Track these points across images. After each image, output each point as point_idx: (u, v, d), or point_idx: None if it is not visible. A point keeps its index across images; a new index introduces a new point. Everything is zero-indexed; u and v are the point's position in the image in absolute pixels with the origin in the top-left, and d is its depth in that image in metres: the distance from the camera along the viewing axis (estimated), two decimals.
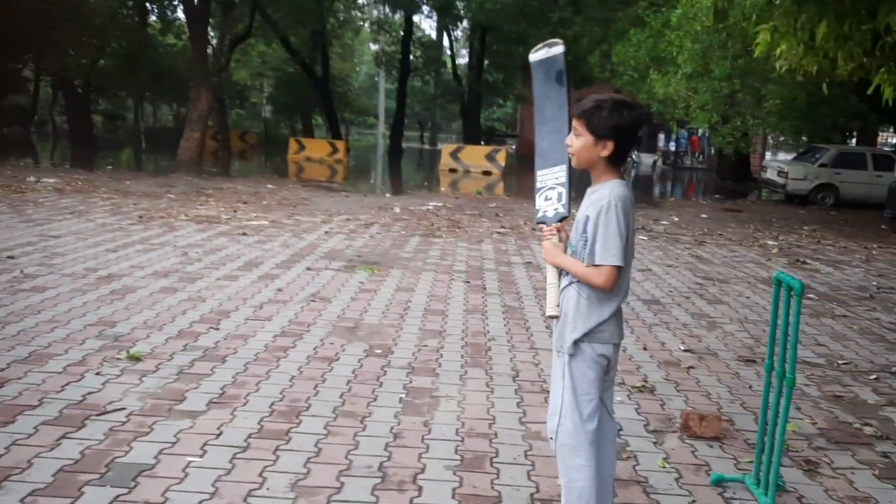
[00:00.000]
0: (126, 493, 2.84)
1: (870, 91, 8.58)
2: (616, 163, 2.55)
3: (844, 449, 3.66)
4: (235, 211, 11.34)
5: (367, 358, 4.67)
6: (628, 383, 4.45)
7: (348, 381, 4.22)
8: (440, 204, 14.04)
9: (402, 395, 4.06)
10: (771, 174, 18.91)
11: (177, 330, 5.02)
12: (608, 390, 2.68)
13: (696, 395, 4.32)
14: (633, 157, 33.57)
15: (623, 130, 2.48)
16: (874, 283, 8.15)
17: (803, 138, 15.67)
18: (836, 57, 5.12)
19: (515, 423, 3.76)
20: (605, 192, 2.49)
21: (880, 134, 26.52)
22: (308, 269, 7.31)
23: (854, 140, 23.35)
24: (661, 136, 38.99)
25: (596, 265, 2.45)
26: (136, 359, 4.37)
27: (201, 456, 3.19)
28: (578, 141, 2.54)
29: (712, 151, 34.95)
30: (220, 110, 30.04)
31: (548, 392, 4.18)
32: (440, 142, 51.50)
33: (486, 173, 23.83)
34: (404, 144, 38.19)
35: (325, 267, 7.43)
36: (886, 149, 25.35)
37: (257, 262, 7.50)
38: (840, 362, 5.14)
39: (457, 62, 42.01)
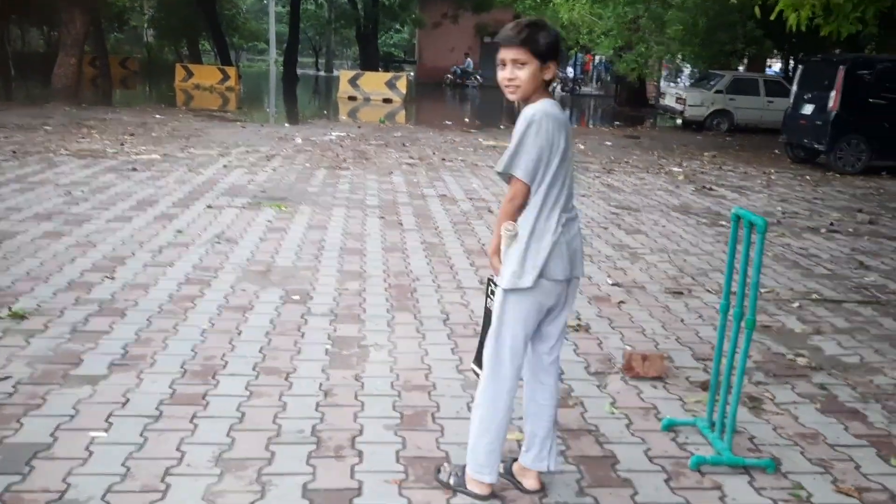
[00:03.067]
0: (19, 482, 2.44)
1: (772, 17, 8.60)
2: (548, 84, 2.40)
3: (783, 382, 3.62)
4: (122, 144, 10.49)
5: (284, 305, 4.31)
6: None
7: (267, 333, 3.87)
8: (343, 134, 13.49)
9: (328, 347, 3.75)
10: (669, 101, 19.16)
11: (66, 281, 4.49)
12: (548, 336, 2.48)
13: (631, 332, 4.21)
14: None
15: (559, 49, 2.38)
16: (779, 209, 8.32)
17: (700, 64, 15.80)
18: None
19: (453, 372, 3.53)
20: (533, 109, 2.34)
21: (768, 60, 27.32)
22: (209, 207, 6.78)
23: (743, 67, 23.94)
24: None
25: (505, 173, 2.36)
26: (20, 317, 3.86)
27: (107, 430, 2.80)
28: (524, 71, 2.34)
29: (608, 77, 35.37)
30: (98, 34, 27.72)
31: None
32: (336, 68, 49.92)
33: (387, 101, 23.20)
34: (299, 71, 36.67)
35: (227, 204, 6.92)
36: (773, 74, 26.17)
37: (151, 200, 6.90)
38: (762, 290, 5.15)
39: None
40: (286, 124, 15.13)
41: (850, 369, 3.84)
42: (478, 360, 2.67)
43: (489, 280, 2.59)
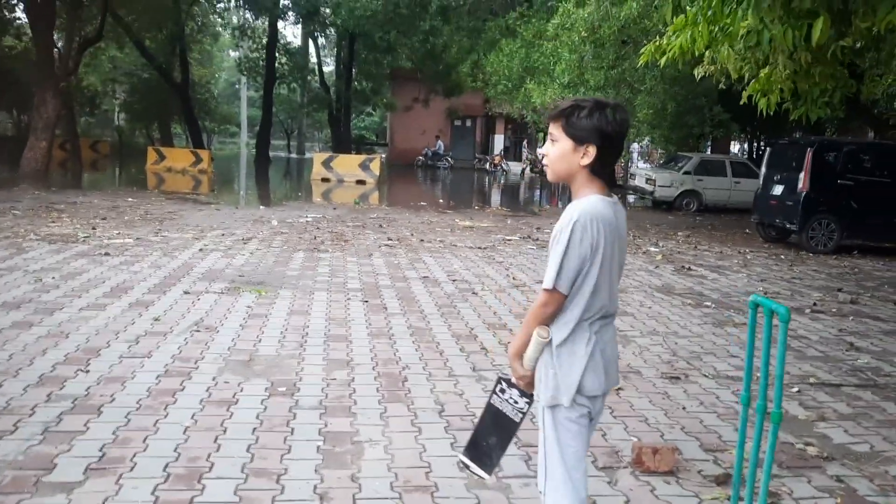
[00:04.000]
0: None
1: (742, 101, 8.81)
2: (599, 173, 2.18)
3: (798, 475, 3.47)
4: (94, 228, 10.27)
5: (270, 398, 4.10)
6: None
7: (254, 430, 3.65)
8: (319, 215, 13.42)
9: (320, 444, 3.54)
10: (639, 181, 19.49)
11: (37, 375, 4.24)
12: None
13: (634, 422, 4.05)
14: (503, 165, 34.08)
15: (606, 134, 2.13)
16: (760, 289, 8.32)
17: (671, 147, 16.17)
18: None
19: (454, 470, 3.33)
20: (572, 209, 2.15)
21: (731, 142, 28.09)
22: (186, 292, 6.57)
23: (709, 149, 24.58)
24: (525, 144, 39.73)
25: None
26: None
27: None
28: (555, 148, 2.18)
29: None
30: (69, 118, 27.72)
31: None
32: (308, 151, 50.42)
33: (361, 182, 23.29)
34: (271, 153, 36.90)
35: (205, 290, 6.71)
36: (739, 156, 26.87)
37: (126, 286, 6.68)
38: (759, 375, 5.03)
39: (324, 70, 41.21)
40: (261, 206, 15.04)
41: (863, 459, 3.71)
42: (468, 452, 2.48)
43: (500, 379, 2.41)
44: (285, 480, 3.13)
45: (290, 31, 79.74)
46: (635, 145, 21.48)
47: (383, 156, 37.29)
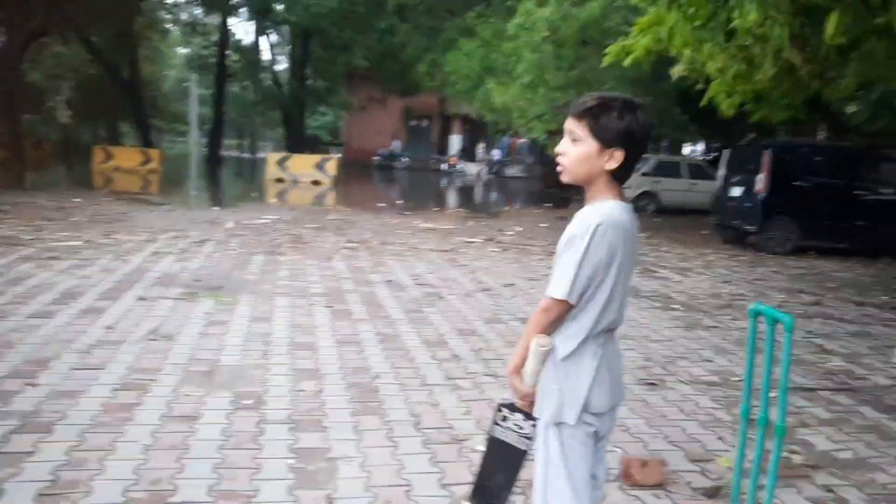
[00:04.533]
0: None
1: (703, 103, 8.80)
2: (619, 179, 2.03)
3: (787, 485, 3.39)
4: (39, 230, 9.81)
5: (235, 412, 3.87)
6: None
7: (220, 447, 3.42)
8: (276, 217, 13.09)
9: (291, 461, 3.33)
10: None
11: None
12: (599, 462, 2.18)
13: (617, 432, 3.92)
14: (458, 166, 34.00)
15: (636, 138, 1.97)
16: (725, 291, 8.33)
17: None
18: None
19: (436, 488, 3.16)
20: (590, 214, 1.98)
21: (684, 145, 28.47)
22: (141, 298, 6.26)
23: (667, 150, 24.84)
24: (481, 146, 39.71)
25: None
26: None
27: None
28: (577, 148, 2.00)
29: (531, 160, 36.16)
30: (11, 116, 26.76)
31: (461, 442, 3.65)
32: (260, 150, 49.70)
33: (316, 183, 22.94)
34: (223, 153, 36.21)
35: (160, 295, 6.41)
36: (696, 157, 27.22)
37: (76, 292, 6.34)
38: (734, 379, 4.99)
39: (277, 68, 40.65)
40: (215, 207, 14.65)
41: (849, 467, 3.65)
42: (475, 500, 2.29)
43: (499, 406, 2.21)
44: (257, 503, 2.92)
45: (242, 28, 78.77)
46: None
47: (338, 156, 36.97)
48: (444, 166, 34.47)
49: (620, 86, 13.24)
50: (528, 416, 2.13)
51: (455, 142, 38.83)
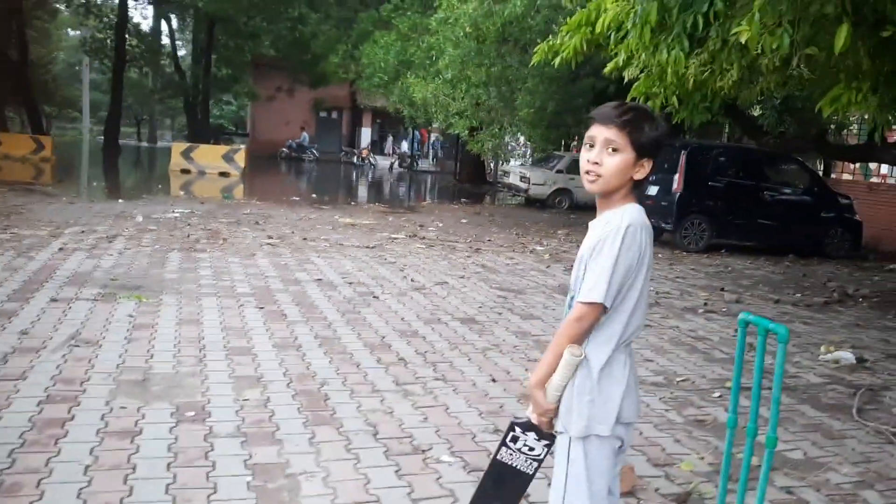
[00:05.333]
0: None
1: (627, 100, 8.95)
2: (639, 186, 2.00)
3: (750, 488, 3.41)
4: None
5: (179, 426, 3.60)
6: (503, 429, 3.88)
7: (169, 466, 3.16)
8: (188, 210, 12.52)
9: (249, 479, 3.11)
10: (513, 179, 19.74)
11: None
12: (615, 476, 2.12)
13: None
14: (371, 159, 33.67)
15: (662, 147, 1.99)
16: (651, 289, 8.49)
17: (549, 146, 16.46)
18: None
19: (407, 501, 3.01)
20: (619, 215, 1.94)
21: None
22: (53, 300, 5.81)
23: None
24: (390, 139, 39.43)
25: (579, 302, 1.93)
26: None
27: None
28: (615, 159, 1.93)
29: (440, 154, 36.25)
30: None
31: (422, 452, 3.51)
32: (160, 139, 47.78)
33: (224, 175, 22.15)
34: (120, 141, 34.53)
35: (75, 296, 5.98)
36: None
37: None
38: (678, 380, 5.05)
39: (179, 55, 39.07)
40: (120, 200, 13.88)
41: (801, 467, 3.73)
42: None
43: (512, 425, 2.10)
44: None
45: (140, 12, 75.17)
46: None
47: (244, 147, 35.93)
48: (355, 159, 34.04)
49: (539, 84, 13.37)
50: (543, 435, 2.03)
51: (365, 134, 38.42)
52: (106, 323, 5.28)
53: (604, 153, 1.95)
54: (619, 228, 1.89)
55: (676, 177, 11.90)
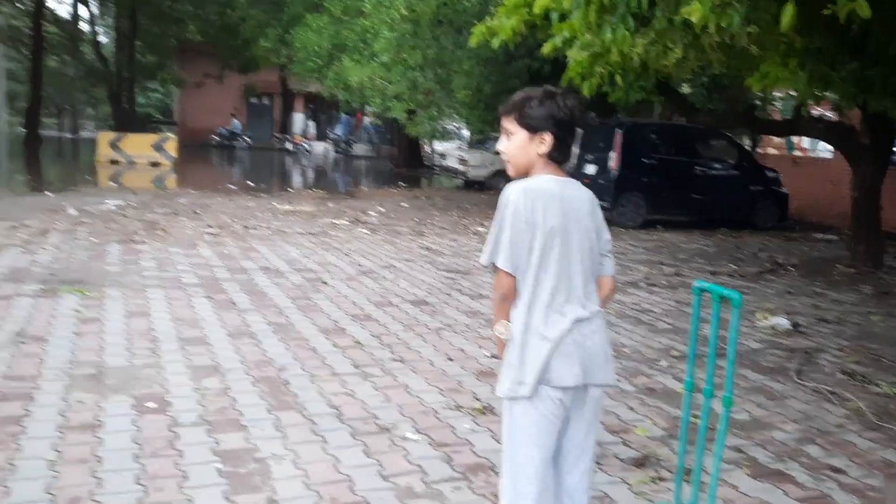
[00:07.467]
0: None
1: (563, 83, 9.12)
2: (556, 160, 2.17)
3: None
4: None
5: (141, 417, 3.58)
6: (465, 405, 3.98)
7: (136, 457, 3.15)
8: (122, 202, 12.18)
9: (219, 465, 3.12)
10: (451, 161, 19.82)
11: None
12: (566, 454, 2.20)
13: None
14: (305, 146, 33.25)
15: (560, 120, 2.13)
16: None
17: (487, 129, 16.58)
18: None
19: (378, 480, 3.08)
20: (511, 186, 2.14)
21: None
22: None
23: None
24: (312, 123, 38.64)
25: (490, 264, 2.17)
26: None
27: None
28: (512, 142, 2.16)
29: (374, 139, 36.02)
30: None
31: (388, 431, 3.58)
32: (83, 129, 46.15)
33: (155, 164, 21.58)
34: (42, 132, 33.21)
35: (14, 293, 5.80)
36: None
37: None
38: (625, 350, 5.23)
39: (100, 41, 37.69)
40: (48, 193, 13.41)
41: (748, 427, 3.94)
42: None
43: None
44: None
45: None
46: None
47: (172, 135, 35.00)
48: (288, 145, 33.55)
49: (476, 66, 13.43)
50: None
51: (298, 120, 37.89)
52: (50, 318, 5.16)
53: (505, 141, 2.18)
54: (505, 196, 2.09)
55: (613, 154, 12.17)
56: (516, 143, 2.16)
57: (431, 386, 4.27)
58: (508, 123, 2.17)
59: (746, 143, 18.52)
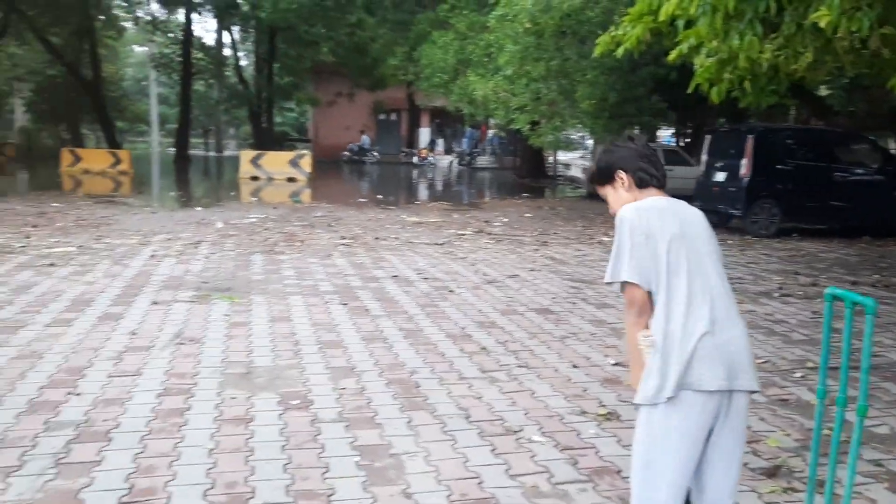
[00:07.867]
0: None
1: (690, 90, 8.95)
2: (649, 184, 2.37)
3: (838, 462, 3.50)
4: (27, 237, 9.63)
5: (286, 413, 3.88)
6: (590, 411, 4.06)
7: (283, 448, 3.44)
8: (263, 215, 12.99)
9: (357, 459, 3.36)
10: (575, 172, 19.75)
11: (24, 401, 3.90)
12: (710, 464, 2.22)
13: None
14: (431, 159, 33.97)
15: (621, 158, 2.39)
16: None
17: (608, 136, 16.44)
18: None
19: (505, 479, 3.21)
20: (621, 211, 2.32)
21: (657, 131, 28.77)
22: (154, 302, 6.20)
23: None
24: (440, 139, 39.35)
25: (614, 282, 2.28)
26: None
27: None
28: (609, 198, 2.46)
29: (500, 151, 36.28)
30: None
31: (514, 433, 3.70)
32: (226, 148, 49.07)
33: (292, 180, 22.75)
34: (189, 152, 35.68)
35: (173, 299, 6.36)
36: (668, 143, 27.59)
37: (86, 298, 6.26)
38: (759, 362, 5.11)
39: (241, 65, 40.11)
40: (198, 208, 14.46)
41: (888, 441, 3.80)
42: None
43: None
44: (337, 501, 2.95)
45: (201, 25, 77.51)
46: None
47: (307, 152, 36.65)
48: (414, 159, 34.40)
49: (600, 75, 13.38)
50: None
51: (424, 134, 38.77)
52: (205, 322, 5.63)
53: (609, 200, 2.47)
54: (616, 220, 2.26)
55: (744, 161, 11.79)
56: (611, 197, 2.43)
57: (556, 391, 4.36)
58: (599, 189, 2.48)
59: (892, 146, 17.39)
